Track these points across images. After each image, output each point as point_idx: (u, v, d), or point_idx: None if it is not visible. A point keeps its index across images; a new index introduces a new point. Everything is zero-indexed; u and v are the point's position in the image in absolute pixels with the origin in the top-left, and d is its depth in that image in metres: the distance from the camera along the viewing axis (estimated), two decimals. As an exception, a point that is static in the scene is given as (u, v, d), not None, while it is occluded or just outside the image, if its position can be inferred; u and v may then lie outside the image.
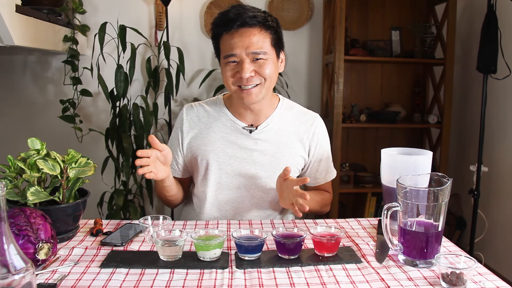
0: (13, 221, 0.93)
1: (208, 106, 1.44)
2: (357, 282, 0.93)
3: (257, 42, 1.26)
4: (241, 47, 1.25)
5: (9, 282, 0.67)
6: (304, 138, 1.42)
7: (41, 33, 2.33)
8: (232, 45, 1.26)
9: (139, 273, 0.96)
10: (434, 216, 0.98)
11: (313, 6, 3.03)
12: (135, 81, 2.93)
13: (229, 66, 1.29)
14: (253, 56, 1.26)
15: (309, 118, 1.44)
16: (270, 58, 1.29)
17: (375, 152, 2.08)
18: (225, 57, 1.28)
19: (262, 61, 1.27)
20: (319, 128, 1.45)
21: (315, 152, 1.45)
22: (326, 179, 1.49)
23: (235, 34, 1.26)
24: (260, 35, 1.27)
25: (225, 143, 1.38)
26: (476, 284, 0.92)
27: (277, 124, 1.40)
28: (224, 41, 1.29)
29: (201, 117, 1.42)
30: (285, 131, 1.41)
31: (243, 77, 1.26)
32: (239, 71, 1.26)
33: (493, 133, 2.73)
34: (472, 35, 2.94)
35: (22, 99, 2.94)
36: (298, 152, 1.42)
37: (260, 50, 1.26)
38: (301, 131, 1.42)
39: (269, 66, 1.28)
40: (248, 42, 1.25)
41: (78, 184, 1.16)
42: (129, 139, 2.55)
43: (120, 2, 2.88)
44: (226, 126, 1.39)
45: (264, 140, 1.38)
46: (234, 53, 1.26)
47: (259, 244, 1.02)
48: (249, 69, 1.26)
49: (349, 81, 3.11)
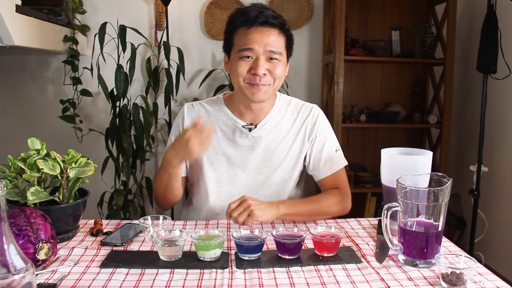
0: (13, 221, 0.93)
1: (208, 105, 1.45)
2: (357, 282, 0.93)
3: (275, 41, 1.27)
4: (260, 43, 1.26)
5: (9, 282, 0.67)
6: (302, 129, 1.41)
7: (41, 33, 2.33)
8: (250, 40, 1.26)
9: (139, 273, 0.96)
10: (434, 216, 0.98)
11: (313, 6, 3.03)
12: (135, 81, 2.92)
13: (243, 61, 1.28)
14: (269, 54, 1.27)
15: (305, 110, 1.44)
16: (283, 60, 1.31)
17: (375, 152, 2.08)
18: (240, 51, 1.27)
19: (276, 61, 1.28)
20: (316, 117, 1.43)
21: (315, 141, 1.41)
22: (332, 169, 1.41)
23: (255, 30, 1.26)
24: (278, 36, 1.28)
25: (225, 141, 1.39)
26: (476, 284, 0.92)
27: (275, 120, 1.41)
28: (241, 35, 1.28)
29: (201, 116, 1.42)
30: (284, 126, 1.41)
31: (259, 73, 1.26)
32: (254, 67, 1.27)
33: (493, 133, 2.73)
34: (472, 35, 2.93)
35: (22, 99, 2.94)
36: (298, 145, 1.41)
37: (277, 50, 1.27)
38: (299, 123, 1.42)
39: (281, 67, 1.30)
40: (267, 40, 1.26)
41: (78, 184, 1.16)
42: (129, 139, 2.55)
43: (120, 2, 2.88)
44: (226, 124, 1.40)
45: (263, 137, 1.39)
46: (252, 47, 1.26)
47: (259, 244, 1.02)
48: (264, 66, 1.26)
49: (349, 81, 3.11)
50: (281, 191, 1.41)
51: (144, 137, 2.58)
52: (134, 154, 2.62)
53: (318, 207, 1.33)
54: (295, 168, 1.42)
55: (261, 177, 1.40)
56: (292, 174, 1.42)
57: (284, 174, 1.41)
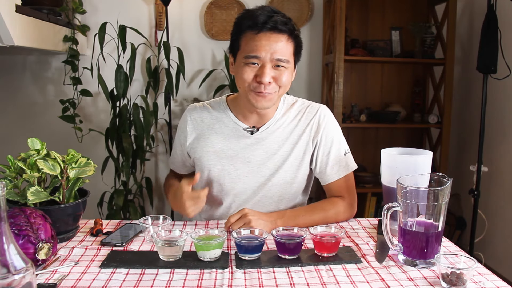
0: (13, 221, 0.93)
1: (211, 107, 1.43)
2: (357, 282, 0.93)
3: (282, 49, 1.23)
4: (267, 51, 1.21)
5: (9, 282, 0.67)
6: (307, 130, 1.37)
7: (41, 33, 2.33)
8: (258, 47, 1.22)
9: (139, 273, 0.96)
10: (434, 216, 0.98)
11: (313, 6, 3.03)
12: (135, 81, 2.93)
13: (249, 68, 1.24)
14: (276, 62, 1.23)
15: (312, 110, 1.39)
16: (290, 67, 1.27)
17: (375, 152, 2.08)
18: (246, 57, 1.24)
19: (283, 69, 1.24)
20: (323, 117, 1.38)
21: (321, 144, 1.36)
22: (339, 174, 1.36)
23: (263, 36, 1.22)
24: (286, 43, 1.24)
25: (226, 145, 1.38)
26: (476, 284, 0.92)
27: (279, 122, 1.38)
28: (249, 40, 1.24)
29: (204, 118, 1.41)
30: (288, 128, 1.37)
31: (264, 82, 1.22)
32: (259, 74, 1.23)
33: (493, 133, 2.73)
34: (472, 35, 2.94)
35: (22, 99, 2.94)
36: (302, 147, 1.37)
37: (284, 58, 1.23)
38: (304, 123, 1.37)
39: (287, 75, 1.26)
40: (275, 48, 1.22)
41: (78, 184, 1.16)
42: (129, 139, 2.55)
43: (120, 2, 2.88)
44: (228, 127, 1.38)
45: (265, 140, 1.37)
46: (258, 56, 1.22)
47: (259, 244, 1.02)
48: (269, 74, 1.23)
49: (349, 81, 3.11)
50: (282, 193, 1.38)
51: (144, 137, 2.58)
52: (134, 154, 2.62)
53: (324, 216, 1.30)
54: (298, 170, 1.37)
55: (262, 178, 1.37)
56: (295, 176, 1.38)
57: (286, 175, 1.37)
